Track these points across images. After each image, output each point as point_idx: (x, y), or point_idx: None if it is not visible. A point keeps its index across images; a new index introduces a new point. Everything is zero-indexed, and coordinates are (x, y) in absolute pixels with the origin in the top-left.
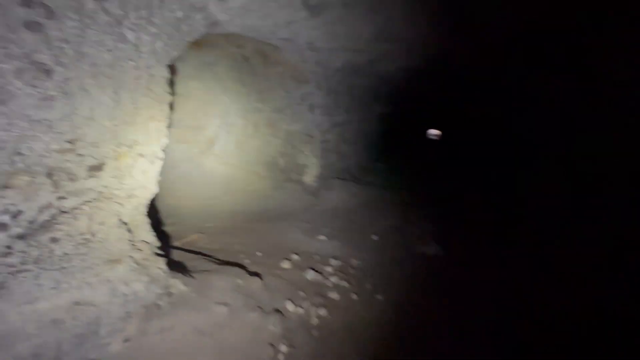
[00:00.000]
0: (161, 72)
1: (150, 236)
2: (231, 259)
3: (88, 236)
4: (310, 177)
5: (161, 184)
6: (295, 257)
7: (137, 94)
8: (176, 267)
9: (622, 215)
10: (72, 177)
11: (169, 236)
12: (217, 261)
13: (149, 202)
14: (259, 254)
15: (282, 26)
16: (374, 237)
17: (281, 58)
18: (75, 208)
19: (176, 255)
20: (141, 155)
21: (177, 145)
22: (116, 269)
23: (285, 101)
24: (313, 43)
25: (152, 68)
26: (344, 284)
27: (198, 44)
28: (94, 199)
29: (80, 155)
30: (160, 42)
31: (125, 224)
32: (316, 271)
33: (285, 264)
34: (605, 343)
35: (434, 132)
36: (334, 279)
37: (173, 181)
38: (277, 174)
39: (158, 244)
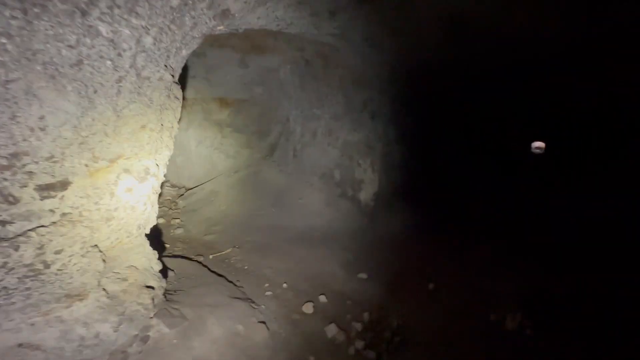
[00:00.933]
0: (157, 74)
1: (142, 261)
2: (251, 289)
3: (39, 267)
4: (367, 194)
5: (219, 188)
6: (322, 299)
7: (120, 99)
8: (174, 298)
9: None
10: (11, 199)
11: (208, 247)
12: (232, 289)
13: (143, 222)
14: (285, 285)
15: (325, 18)
16: (431, 286)
17: (341, 60)
18: (19, 235)
19: (194, 274)
20: (127, 170)
21: (242, 149)
22: (75, 306)
23: (344, 108)
24: (371, 39)
25: (143, 69)
26: (371, 355)
27: (260, 49)
28: (52, 222)
29: (27, 172)
30: (150, 38)
31: (100, 251)
32: (340, 328)
33: (308, 308)
34: None
35: (537, 145)
36: (359, 345)
37: (231, 185)
38: (331, 187)
39: (156, 268)
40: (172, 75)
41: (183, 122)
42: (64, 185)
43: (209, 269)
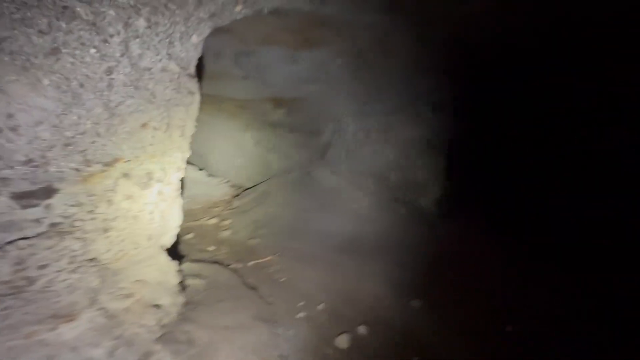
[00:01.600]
0: (159, 64)
1: (155, 274)
2: (283, 307)
3: (21, 284)
4: (427, 200)
5: (270, 189)
6: (362, 330)
7: (113, 94)
8: (192, 315)
9: None
10: None
11: (251, 252)
12: (261, 306)
13: (155, 233)
14: (321, 306)
15: None
16: (509, 328)
17: (396, 45)
18: None
19: (226, 284)
20: (126, 175)
21: (296, 150)
22: (62, 328)
23: (401, 101)
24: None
25: (140, 58)
26: None
27: (311, 43)
28: (38, 234)
29: (0, 179)
30: (142, 20)
31: (96, 265)
32: None
33: (343, 341)
34: None
35: None
36: None
37: (282, 187)
38: (386, 191)
39: (173, 282)
40: (182, 67)
41: (241, 124)
42: (48, 192)
43: (243, 280)
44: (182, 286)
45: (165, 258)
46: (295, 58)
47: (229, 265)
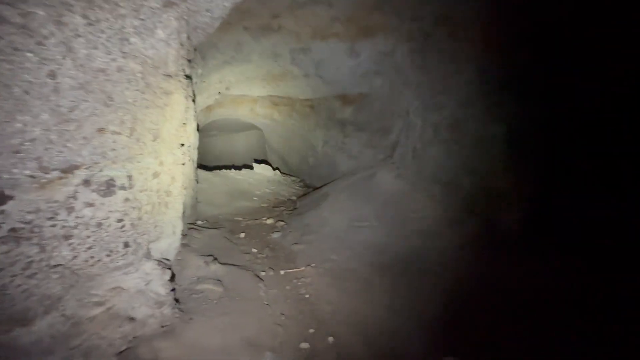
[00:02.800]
0: (114, 63)
1: (135, 282)
2: (289, 331)
3: None
4: (509, 215)
5: (330, 191)
6: None
7: (62, 98)
8: (177, 329)
9: None
10: None
11: (290, 259)
12: (265, 326)
13: (133, 239)
14: (330, 340)
15: None
16: None
17: (469, 18)
18: None
19: (242, 294)
20: (86, 182)
21: (364, 149)
22: (17, 331)
23: (476, 89)
24: None
25: (88, 59)
26: None
27: (369, 31)
28: None
29: None
30: (80, 18)
31: (59, 271)
32: None
33: None
34: None
35: None
36: None
37: (342, 189)
38: (457, 200)
39: (161, 291)
40: (153, 66)
41: (311, 123)
42: (0, 199)
43: (263, 291)
44: (191, 292)
45: (151, 265)
46: (354, 50)
47: (259, 272)
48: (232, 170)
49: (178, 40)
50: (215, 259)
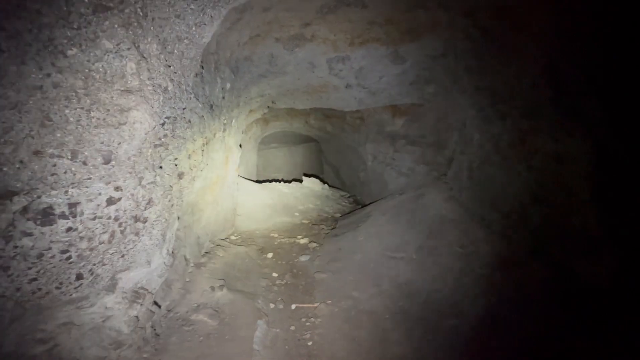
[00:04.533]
0: (50, 79)
1: (86, 318)
2: None
3: None
4: (597, 265)
5: (373, 211)
6: None
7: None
8: None
9: None
10: None
11: (308, 289)
12: None
13: (88, 271)
14: None
15: None
16: None
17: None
18: None
19: (231, 335)
20: (25, 210)
21: (416, 166)
22: None
23: (545, 92)
24: None
25: (20, 77)
26: None
27: (413, 32)
28: None
29: None
30: None
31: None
32: None
33: None
34: None
35: None
36: None
37: (385, 210)
38: (521, 236)
39: (124, 329)
40: (90, 80)
41: (362, 136)
42: None
43: (262, 330)
44: (184, 323)
45: (113, 299)
46: (398, 55)
47: (268, 304)
48: (281, 183)
49: (138, 52)
50: (224, 284)
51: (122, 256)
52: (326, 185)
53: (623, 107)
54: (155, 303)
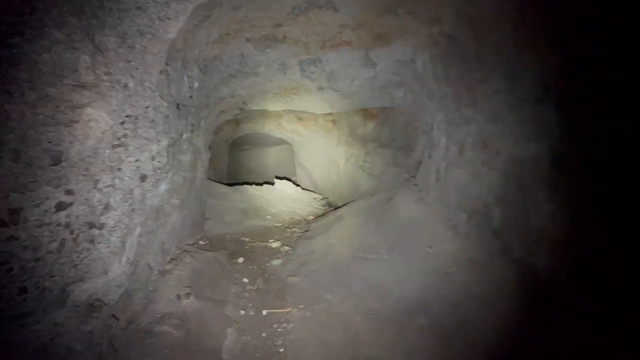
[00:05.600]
0: (7, 67)
1: None
2: None
3: None
4: (550, 261)
5: (345, 213)
6: None
7: None
8: None
9: None
10: None
11: (279, 294)
12: None
13: None
14: None
15: None
16: None
17: (497, 15)
18: None
19: (197, 346)
20: None
21: (387, 168)
22: None
23: (506, 98)
24: None
25: None
26: None
27: (384, 37)
28: None
29: None
30: None
31: None
32: None
33: None
34: None
35: None
36: None
37: (357, 212)
38: (486, 235)
39: None
40: (35, 73)
41: (334, 139)
42: None
43: (231, 338)
44: (146, 335)
45: (62, 313)
46: (369, 59)
47: (238, 310)
48: (253, 185)
49: (93, 44)
50: (191, 292)
51: (75, 266)
52: (299, 188)
53: (575, 114)
54: (114, 316)
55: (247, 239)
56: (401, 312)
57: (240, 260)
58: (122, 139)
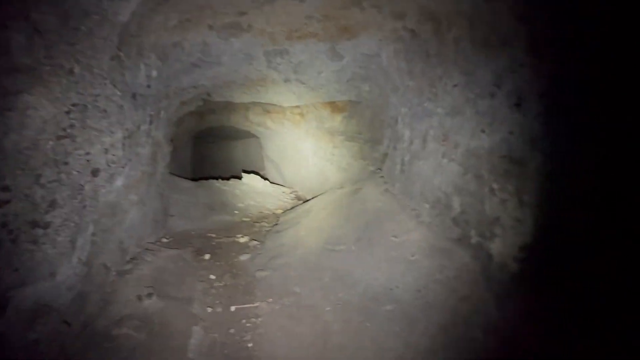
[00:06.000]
0: None
1: None
2: None
3: None
4: (504, 245)
5: (314, 206)
6: None
7: None
8: None
9: None
10: None
11: (249, 289)
12: None
13: None
14: None
15: None
16: None
17: (456, 12)
18: None
19: (160, 346)
20: None
21: (354, 161)
22: None
23: (464, 93)
24: None
25: None
26: None
27: (350, 31)
28: None
29: None
30: None
31: None
32: None
33: None
34: None
35: None
36: None
37: (325, 205)
38: (446, 223)
39: None
40: None
41: (302, 132)
42: None
43: (197, 337)
44: (104, 339)
45: (2, 322)
46: (335, 52)
47: (205, 308)
48: (219, 180)
49: (28, 23)
50: (153, 292)
51: (15, 270)
52: (267, 181)
53: (525, 108)
54: (65, 321)
55: (213, 235)
56: (369, 300)
57: (207, 257)
58: (69, 130)
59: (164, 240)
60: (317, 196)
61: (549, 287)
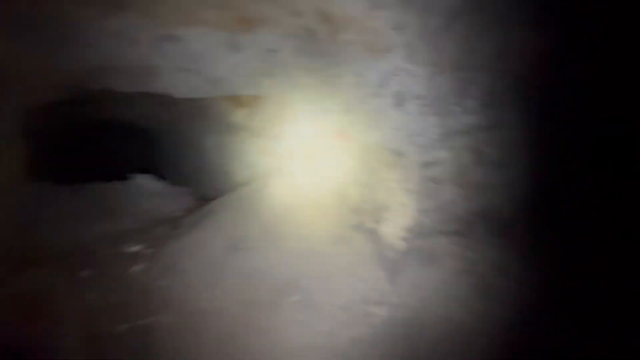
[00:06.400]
0: None
1: None
2: None
3: None
4: (393, 229)
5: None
6: None
7: None
8: None
9: None
10: None
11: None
12: None
13: None
14: None
15: None
16: None
17: (349, 16)
18: None
19: None
20: None
21: (259, 158)
22: None
23: (356, 93)
24: None
25: None
26: None
27: (249, 22)
28: None
29: None
30: None
31: None
32: None
33: None
34: None
35: None
36: None
37: (230, 205)
38: (347, 213)
39: None
40: None
41: (202, 128)
42: None
43: None
44: None
45: None
46: (234, 44)
47: (88, 328)
48: (105, 182)
49: None
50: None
51: None
52: (163, 181)
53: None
54: None
55: (95, 247)
56: (274, 294)
57: (86, 273)
58: None
59: (30, 255)
60: (220, 195)
61: (431, 262)
